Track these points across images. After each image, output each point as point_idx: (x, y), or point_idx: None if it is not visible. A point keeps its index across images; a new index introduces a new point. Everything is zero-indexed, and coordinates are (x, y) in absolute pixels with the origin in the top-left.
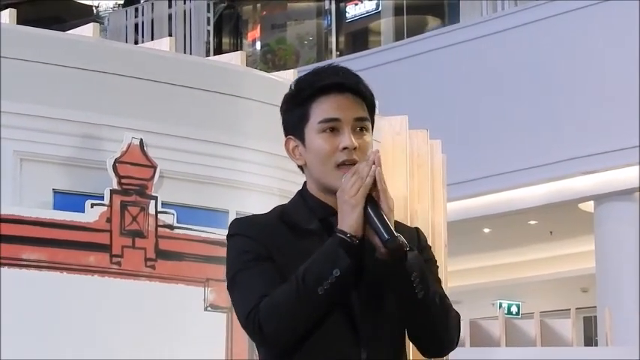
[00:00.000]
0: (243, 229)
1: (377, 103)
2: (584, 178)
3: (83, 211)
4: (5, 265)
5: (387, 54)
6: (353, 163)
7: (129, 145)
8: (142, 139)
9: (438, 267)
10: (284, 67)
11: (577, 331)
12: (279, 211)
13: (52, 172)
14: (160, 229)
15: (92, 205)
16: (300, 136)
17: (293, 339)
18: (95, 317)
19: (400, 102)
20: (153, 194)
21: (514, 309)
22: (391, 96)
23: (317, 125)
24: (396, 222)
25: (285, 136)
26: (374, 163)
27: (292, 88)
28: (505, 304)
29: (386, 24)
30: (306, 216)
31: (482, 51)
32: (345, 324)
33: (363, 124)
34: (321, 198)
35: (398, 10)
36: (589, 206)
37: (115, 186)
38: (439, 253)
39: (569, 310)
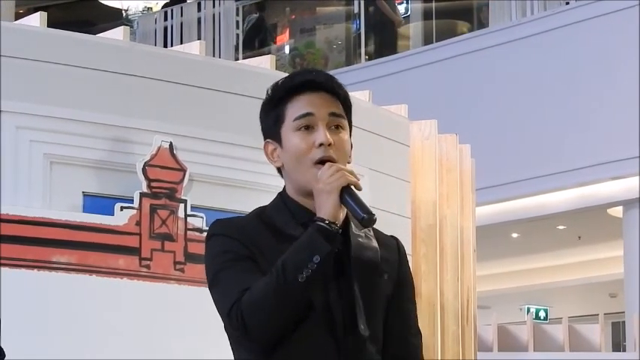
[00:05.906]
0: (225, 229)
1: (352, 103)
2: (613, 183)
3: (113, 214)
4: (35, 267)
5: (416, 58)
6: (330, 160)
7: (158, 149)
8: (171, 143)
9: (414, 288)
10: None
11: (605, 337)
12: (259, 213)
13: (81, 175)
14: (189, 232)
15: (122, 209)
16: (277, 138)
17: (276, 332)
18: (124, 320)
19: (429, 106)
20: (182, 197)
21: (542, 314)
22: (420, 100)
23: (292, 123)
24: (375, 230)
25: (264, 140)
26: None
27: (268, 92)
28: (533, 309)
29: (415, 28)
30: (287, 220)
31: (511, 56)
32: (324, 330)
33: (338, 122)
34: (300, 201)
35: (427, 15)
36: (618, 211)
37: (145, 189)
38: (468, 257)
39: (598, 315)
